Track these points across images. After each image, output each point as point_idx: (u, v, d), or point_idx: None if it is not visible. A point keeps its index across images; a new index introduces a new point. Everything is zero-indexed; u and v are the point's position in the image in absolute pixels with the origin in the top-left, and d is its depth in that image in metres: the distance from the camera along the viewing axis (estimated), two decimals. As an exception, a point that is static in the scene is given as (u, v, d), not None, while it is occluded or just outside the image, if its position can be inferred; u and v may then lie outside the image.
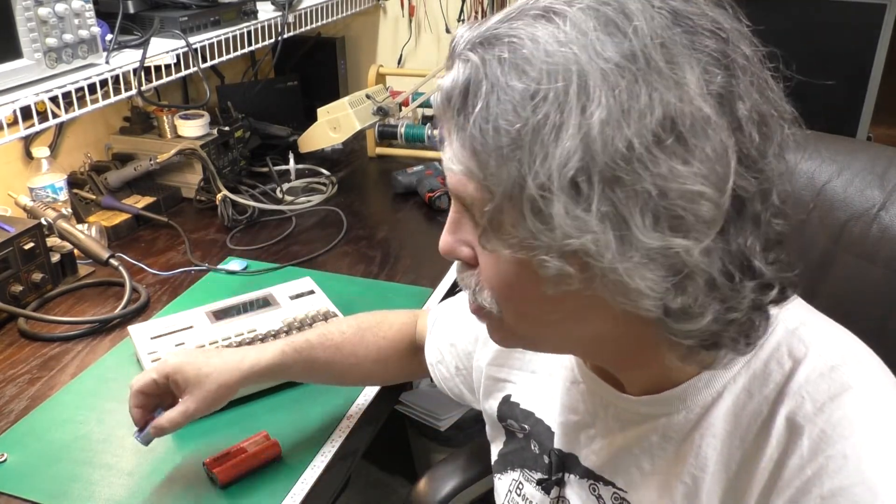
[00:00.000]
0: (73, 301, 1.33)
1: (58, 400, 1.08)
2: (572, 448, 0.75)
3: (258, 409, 1.06)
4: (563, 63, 0.50)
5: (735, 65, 0.52)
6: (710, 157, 0.50)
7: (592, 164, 0.49)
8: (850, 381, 0.59)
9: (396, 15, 2.20)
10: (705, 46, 0.52)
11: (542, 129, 0.50)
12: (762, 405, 0.61)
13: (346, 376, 1.03)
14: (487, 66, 0.52)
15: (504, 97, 0.51)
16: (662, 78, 0.50)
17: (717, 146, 0.50)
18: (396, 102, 1.69)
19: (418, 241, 1.56)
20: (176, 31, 1.44)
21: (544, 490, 0.77)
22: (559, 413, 0.77)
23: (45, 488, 0.93)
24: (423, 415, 1.76)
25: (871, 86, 1.72)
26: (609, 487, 0.71)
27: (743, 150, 0.52)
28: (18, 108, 1.15)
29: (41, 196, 1.45)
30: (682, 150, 0.50)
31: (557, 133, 0.50)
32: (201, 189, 1.66)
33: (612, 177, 0.50)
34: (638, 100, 0.49)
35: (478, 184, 0.55)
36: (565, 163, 0.50)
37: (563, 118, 0.50)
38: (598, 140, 0.49)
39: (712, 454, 0.63)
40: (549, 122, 0.50)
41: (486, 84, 0.52)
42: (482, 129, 0.52)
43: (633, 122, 0.49)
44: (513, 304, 0.60)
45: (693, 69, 0.51)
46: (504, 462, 0.86)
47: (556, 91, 0.50)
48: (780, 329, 0.63)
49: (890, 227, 0.85)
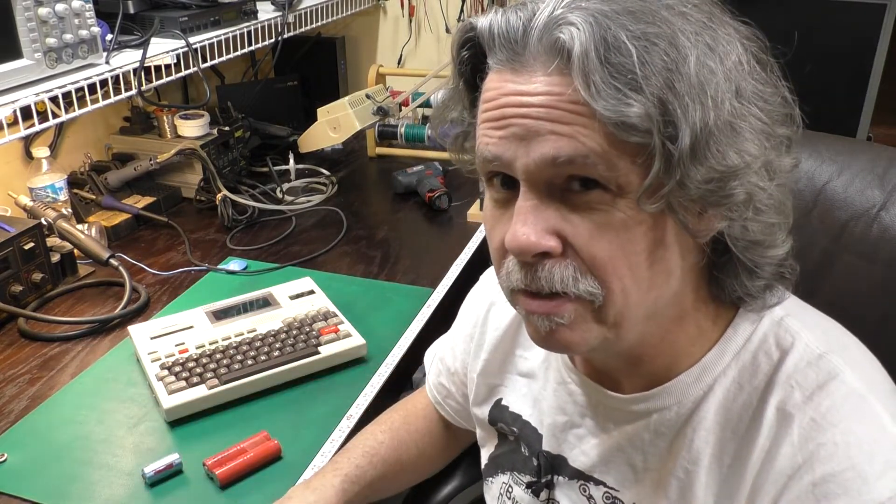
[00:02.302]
0: (73, 301, 1.33)
1: (58, 400, 1.08)
2: (561, 450, 0.75)
3: (258, 409, 1.06)
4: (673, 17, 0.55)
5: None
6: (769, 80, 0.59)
7: (738, 90, 0.55)
8: (837, 368, 0.60)
9: (396, 15, 2.20)
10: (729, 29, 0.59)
11: (706, 56, 0.54)
12: (752, 396, 0.62)
13: (400, 482, 0.99)
14: (612, 20, 0.53)
15: (654, 41, 0.53)
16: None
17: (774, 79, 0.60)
18: (396, 102, 1.69)
19: (418, 241, 1.56)
20: (176, 31, 1.44)
21: (534, 493, 0.78)
22: (547, 415, 0.77)
23: (45, 488, 0.93)
24: (423, 415, 1.76)
25: (871, 86, 1.72)
26: (600, 487, 0.71)
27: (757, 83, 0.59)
28: (18, 108, 1.15)
29: (41, 196, 1.45)
30: (765, 71, 0.59)
31: (710, 55, 0.54)
32: (201, 189, 1.66)
33: (746, 96, 0.56)
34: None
35: (645, 132, 0.53)
36: (725, 89, 0.54)
37: (710, 47, 0.55)
38: (729, 73, 0.55)
39: (704, 447, 0.63)
40: (697, 52, 0.53)
41: (626, 34, 0.53)
42: (664, 65, 0.52)
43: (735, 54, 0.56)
44: (627, 271, 0.57)
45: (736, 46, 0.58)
46: (494, 465, 0.86)
47: (687, 32, 0.54)
48: (766, 321, 0.64)
49: (890, 227, 0.85)
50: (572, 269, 0.57)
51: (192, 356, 1.10)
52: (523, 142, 0.56)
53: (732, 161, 0.54)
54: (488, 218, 0.63)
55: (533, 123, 0.55)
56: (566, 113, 0.54)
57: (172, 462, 0.94)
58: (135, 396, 1.09)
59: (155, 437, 1.02)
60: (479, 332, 0.88)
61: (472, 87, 0.63)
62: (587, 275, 0.57)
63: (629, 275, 0.57)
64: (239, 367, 1.08)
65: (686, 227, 0.57)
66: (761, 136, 0.56)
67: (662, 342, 0.65)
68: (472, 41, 0.61)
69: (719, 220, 0.58)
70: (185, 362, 1.09)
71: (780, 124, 0.59)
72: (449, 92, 0.67)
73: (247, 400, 1.07)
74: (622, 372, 0.69)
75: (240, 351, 1.11)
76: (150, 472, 0.93)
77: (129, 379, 1.12)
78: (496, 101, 0.58)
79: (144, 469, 0.93)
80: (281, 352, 1.11)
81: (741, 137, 0.55)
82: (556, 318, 0.59)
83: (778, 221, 0.61)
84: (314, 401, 1.08)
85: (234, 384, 1.06)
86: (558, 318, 0.59)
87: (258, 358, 1.09)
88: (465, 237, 1.53)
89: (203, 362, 1.09)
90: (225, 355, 1.10)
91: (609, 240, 0.56)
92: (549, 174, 0.56)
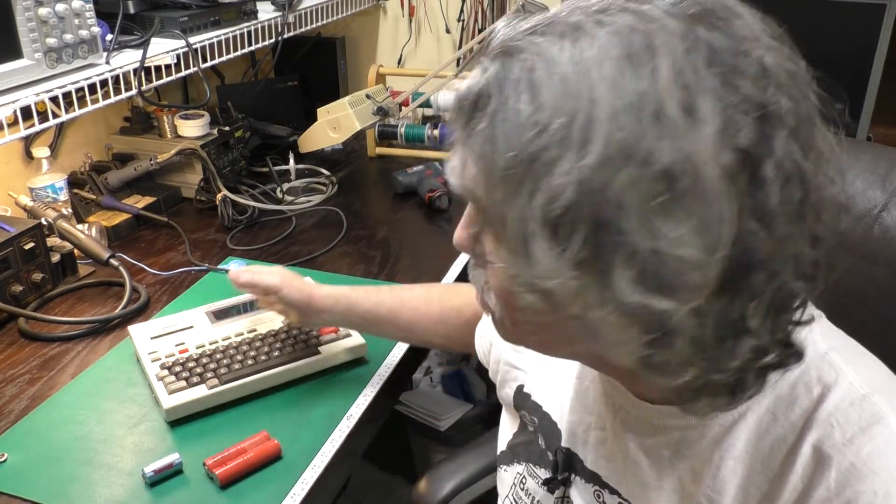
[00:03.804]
0: (73, 301, 1.33)
1: (58, 400, 1.08)
2: (579, 449, 0.74)
3: (258, 409, 1.06)
4: (574, 93, 0.47)
5: (773, 115, 0.48)
6: (705, 222, 0.46)
7: (579, 207, 0.47)
8: (882, 411, 0.56)
9: (396, 15, 2.20)
10: (740, 90, 0.47)
11: (536, 162, 0.48)
12: (788, 431, 0.58)
13: (410, 330, 1.07)
14: (502, 81, 0.50)
15: (509, 119, 0.49)
16: (673, 127, 0.46)
17: (719, 212, 0.46)
18: (396, 102, 1.69)
19: (418, 241, 1.56)
20: (176, 31, 1.44)
21: (549, 489, 0.76)
22: (568, 410, 0.75)
23: (45, 488, 0.93)
24: (423, 415, 1.76)
25: (871, 86, 1.72)
26: (615, 497, 0.69)
27: (759, 209, 0.48)
28: (19, 108, 1.15)
29: (41, 196, 1.45)
30: (677, 210, 0.46)
31: (550, 169, 0.47)
32: (201, 189, 1.66)
33: (597, 224, 0.47)
34: (639, 146, 0.46)
35: (473, 197, 0.54)
36: (552, 201, 0.47)
37: (559, 154, 0.47)
38: (589, 183, 0.46)
39: (731, 477, 0.60)
40: (545, 155, 0.47)
41: (495, 101, 0.50)
42: (482, 147, 0.51)
43: (630, 170, 0.46)
44: (510, 314, 0.59)
45: (715, 119, 0.46)
46: (511, 454, 0.84)
47: (560, 125, 0.47)
48: (808, 352, 0.59)
49: (891, 227, 0.85)
50: (484, 279, 0.59)
51: (192, 356, 1.10)
52: None
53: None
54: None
55: None
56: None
57: (172, 462, 0.94)
58: (135, 396, 1.09)
59: (155, 437, 1.01)
60: None
61: None
62: (493, 291, 0.59)
63: (510, 316, 0.58)
64: (239, 367, 1.08)
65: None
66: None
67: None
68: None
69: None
70: (185, 362, 1.09)
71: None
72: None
73: (247, 400, 1.07)
74: (639, 383, 0.65)
75: (240, 351, 1.11)
76: (150, 472, 0.93)
77: (129, 379, 1.12)
78: None
79: (144, 469, 0.93)
80: (281, 352, 1.11)
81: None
82: (484, 310, 0.63)
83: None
84: (314, 401, 1.08)
85: (234, 384, 1.06)
86: (486, 312, 0.63)
87: (258, 358, 1.09)
88: (466, 237, 1.52)
89: (203, 362, 1.09)
90: (225, 355, 1.10)
91: (495, 277, 0.57)
92: None
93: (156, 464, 0.94)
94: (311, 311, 1.06)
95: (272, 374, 1.08)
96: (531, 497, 0.79)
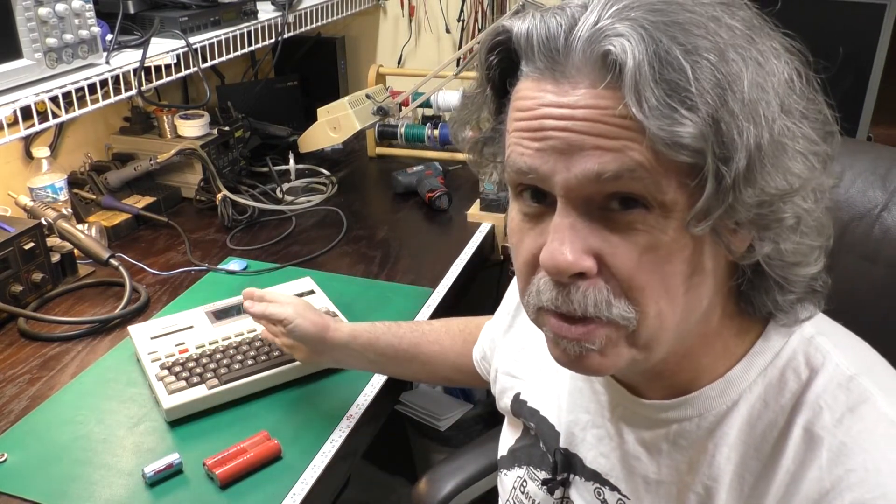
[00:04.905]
0: (73, 301, 1.33)
1: (58, 400, 1.08)
2: (578, 449, 0.74)
3: (258, 409, 1.06)
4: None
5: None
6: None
7: (784, 107, 0.53)
8: (868, 392, 0.58)
9: (396, 15, 2.20)
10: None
11: (757, 72, 0.51)
12: (778, 415, 0.60)
13: (430, 363, 1.04)
14: (662, 32, 0.50)
15: (706, 56, 0.50)
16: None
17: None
18: (396, 102, 1.69)
19: (418, 241, 1.56)
20: (176, 31, 1.44)
21: (548, 490, 0.77)
22: (566, 412, 0.76)
23: (45, 488, 0.93)
24: (423, 415, 1.76)
25: (871, 86, 1.72)
26: (615, 493, 0.70)
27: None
28: (18, 108, 1.15)
29: (41, 196, 1.45)
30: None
31: (760, 74, 0.52)
32: (201, 189, 1.66)
33: (792, 113, 0.53)
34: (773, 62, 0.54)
35: (697, 153, 0.50)
36: (775, 107, 0.52)
37: (759, 62, 0.52)
38: (778, 89, 0.53)
39: (726, 464, 0.61)
40: (748, 68, 0.51)
41: (679, 49, 0.50)
42: (709, 89, 0.49)
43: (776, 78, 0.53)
44: (664, 294, 0.55)
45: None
46: (512, 458, 0.85)
47: (736, 47, 0.51)
48: (795, 338, 0.62)
49: (892, 227, 0.85)
50: (606, 291, 0.55)
51: (192, 356, 1.10)
52: (563, 156, 0.53)
53: (784, 183, 0.52)
54: (515, 231, 0.60)
55: (575, 137, 0.52)
56: (613, 127, 0.51)
57: (172, 462, 0.94)
58: (135, 396, 1.09)
59: (155, 437, 1.01)
60: (511, 318, 0.88)
61: (500, 92, 0.61)
62: (621, 297, 0.55)
63: (666, 298, 0.55)
64: (239, 367, 1.08)
65: (730, 251, 0.56)
66: (810, 156, 0.54)
67: (685, 359, 0.63)
68: (503, 45, 0.58)
69: (757, 241, 0.56)
70: (185, 362, 1.09)
71: (823, 142, 0.56)
72: (471, 94, 0.64)
73: (247, 400, 1.07)
74: (642, 384, 0.67)
75: (240, 351, 1.11)
76: (150, 472, 0.93)
77: (129, 379, 1.12)
78: (533, 112, 0.54)
79: (144, 469, 0.93)
80: (281, 352, 1.11)
81: (791, 158, 0.53)
82: (587, 343, 0.57)
83: (819, 244, 0.59)
84: (314, 401, 1.08)
85: (234, 384, 1.06)
86: (589, 345, 0.57)
87: (258, 358, 1.09)
88: (465, 237, 1.53)
89: (203, 362, 1.09)
90: (225, 355, 1.10)
91: (650, 262, 0.54)
92: (589, 191, 0.53)
93: (156, 464, 0.94)
94: (323, 346, 1.01)
95: (272, 374, 1.08)
96: (531, 500, 0.79)
